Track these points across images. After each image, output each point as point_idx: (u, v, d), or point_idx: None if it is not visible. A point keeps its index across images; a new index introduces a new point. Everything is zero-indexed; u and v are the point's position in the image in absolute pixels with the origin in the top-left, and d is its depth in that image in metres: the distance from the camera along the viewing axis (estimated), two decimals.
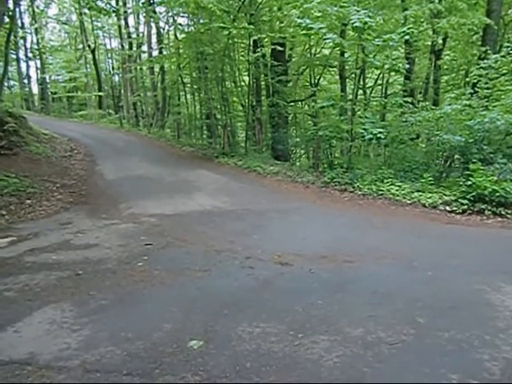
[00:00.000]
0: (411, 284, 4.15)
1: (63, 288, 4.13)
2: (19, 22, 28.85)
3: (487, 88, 9.58)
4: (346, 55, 15.03)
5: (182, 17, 18.22)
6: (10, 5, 12.58)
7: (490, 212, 7.19)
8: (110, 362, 2.82)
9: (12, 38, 17.84)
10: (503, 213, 7.09)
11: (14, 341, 3.13)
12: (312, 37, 14.86)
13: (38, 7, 32.39)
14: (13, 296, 3.96)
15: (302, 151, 19.50)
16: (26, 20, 31.79)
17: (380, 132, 9.37)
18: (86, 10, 26.08)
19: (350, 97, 12.50)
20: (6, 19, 12.02)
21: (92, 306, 3.70)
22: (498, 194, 7.16)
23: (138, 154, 14.44)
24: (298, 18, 10.48)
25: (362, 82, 14.61)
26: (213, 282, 4.25)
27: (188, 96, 21.75)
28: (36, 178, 9.44)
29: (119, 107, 30.03)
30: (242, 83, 17.68)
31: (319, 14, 10.48)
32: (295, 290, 4.02)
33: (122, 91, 29.56)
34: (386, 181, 8.96)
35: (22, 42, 31.34)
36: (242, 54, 17.12)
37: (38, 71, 33.12)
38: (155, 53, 23.76)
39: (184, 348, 2.97)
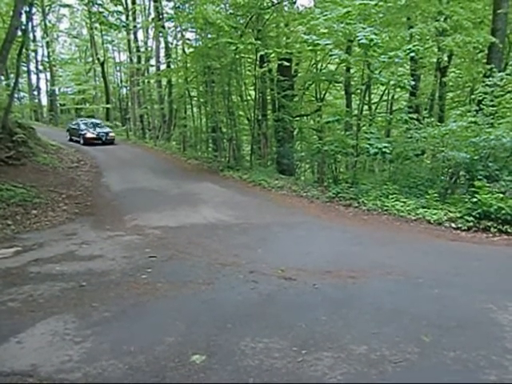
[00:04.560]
0: (416, 301, 4.11)
1: (66, 299, 4.13)
2: (31, 35, 29.48)
3: (492, 105, 9.58)
4: (352, 71, 15.20)
5: (191, 32, 18.52)
6: (23, 19, 12.86)
7: (495, 229, 7.11)
8: (112, 375, 2.81)
9: (24, 50, 18.19)
10: (509, 230, 7.01)
11: (16, 352, 3.12)
12: (318, 52, 15.07)
13: (50, 21, 33.15)
14: (16, 306, 3.96)
15: (307, 166, 19.57)
16: (38, 33, 32.58)
17: (385, 146, 9.38)
18: (97, 25, 26.76)
19: (356, 112, 12.57)
20: (19, 33, 12.27)
21: (95, 318, 3.69)
22: (503, 211, 7.10)
23: (143, 166, 14.54)
24: (305, 34, 10.64)
25: (367, 98, 14.68)
26: (216, 296, 4.23)
27: (194, 109, 21.97)
28: (42, 189, 9.52)
29: (126, 119, 30.37)
30: (248, 97, 17.85)
31: (325, 31, 10.63)
32: (299, 305, 4.00)
33: (130, 104, 29.92)
34: (390, 196, 8.93)
35: (33, 54, 32.02)
36: (249, 68, 17.33)
37: (48, 83, 33.79)
38: (163, 66, 24.14)
39: (186, 362, 2.95)
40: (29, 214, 8.00)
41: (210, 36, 15.14)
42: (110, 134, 21.27)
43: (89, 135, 19.96)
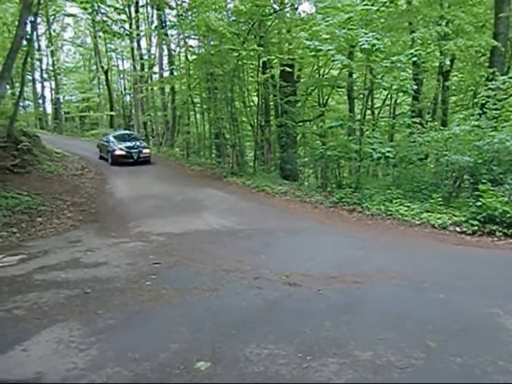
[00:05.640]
0: (421, 306, 4.09)
1: (71, 306, 4.14)
2: (36, 44, 29.76)
3: (496, 109, 9.56)
4: (355, 76, 15.24)
5: (193, 39, 18.69)
6: (28, 29, 13.03)
7: (500, 233, 7.07)
8: (117, 382, 2.80)
9: (29, 59, 18.39)
10: None
11: (21, 360, 3.13)
12: (320, 58, 15.14)
13: (54, 31, 33.52)
14: (22, 314, 3.97)
15: (311, 171, 19.55)
16: (43, 43, 32.93)
17: (389, 151, 9.37)
18: (101, 33, 27.02)
19: (359, 117, 12.58)
20: (24, 42, 12.42)
21: (99, 326, 3.69)
22: (508, 215, 7.07)
23: (147, 173, 14.59)
24: (307, 39, 10.69)
25: (370, 103, 14.68)
26: (221, 302, 4.22)
27: (197, 116, 22.07)
28: (47, 196, 9.58)
29: (130, 126, 30.53)
30: (251, 103, 17.92)
31: (327, 36, 10.68)
32: (303, 310, 3.99)
33: (133, 111, 30.11)
34: (394, 201, 8.91)
35: (38, 63, 32.31)
36: (252, 74, 17.44)
37: (53, 91, 34.07)
38: (166, 74, 24.27)
39: (191, 369, 2.94)
40: (34, 221, 8.04)
41: (212, 43, 15.27)
42: (144, 151, 16.77)
43: (117, 153, 16.12)
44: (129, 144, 16.84)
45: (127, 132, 20.89)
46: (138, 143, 17.25)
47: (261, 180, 12.65)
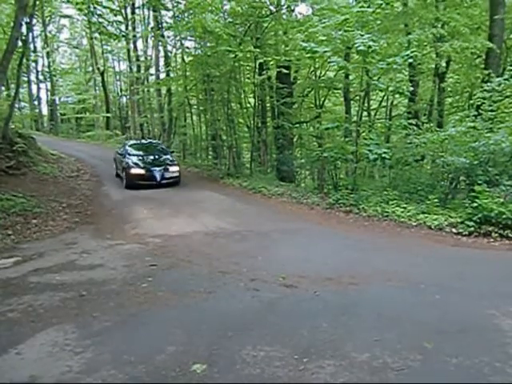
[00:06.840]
0: (418, 307, 4.08)
1: (67, 309, 4.11)
2: (32, 46, 29.70)
3: (491, 110, 9.61)
4: (351, 78, 15.27)
5: (190, 40, 18.71)
6: (24, 30, 12.97)
7: (496, 234, 7.09)
8: None
9: (24, 61, 18.30)
10: (510, 235, 6.99)
11: (15, 363, 3.10)
12: (317, 60, 15.16)
13: (50, 32, 33.45)
14: (16, 317, 3.94)
15: (307, 172, 19.57)
16: (39, 44, 32.85)
17: (385, 152, 9.39)
18: (97, 35, 26.96)
19: (355, 118, 12.62)
20: (19, 43, 12.37)
21: (95, 328, 3.67)
22: (504, 216, 7.09)
23: None
24: (303, 41, 10.69)
25: (366, 104, 14.75)
26: (217, 304, 4.21)
27: (194, 117, 22.04)
28: (43, 198, 9.52)
29: (126, 128, 30.44)
30: (248, 105, 17.93)
31: (324, 38, 10.70)
32: (300, 312, 3.97)
33: (130, 112, 30.00)
34: (391, 202, 8.92)
35: (33, 65, 32.24)
36: (248, 76, 17.43)
37: (48, 93, 33.99)
38: (163, 75, 24.25)
39: (187, 372, 2.93)
40: (29, 223, 7.99)
41: (208, 44, 15.25)
42: (172, 169, 12.46)
43: (133, 171, 11.95)
44: (150, 158, 12.72)
45: (149, 141, 16.52)
46: (163, 158, 12.90)
47: (257, 181, 12.64)
